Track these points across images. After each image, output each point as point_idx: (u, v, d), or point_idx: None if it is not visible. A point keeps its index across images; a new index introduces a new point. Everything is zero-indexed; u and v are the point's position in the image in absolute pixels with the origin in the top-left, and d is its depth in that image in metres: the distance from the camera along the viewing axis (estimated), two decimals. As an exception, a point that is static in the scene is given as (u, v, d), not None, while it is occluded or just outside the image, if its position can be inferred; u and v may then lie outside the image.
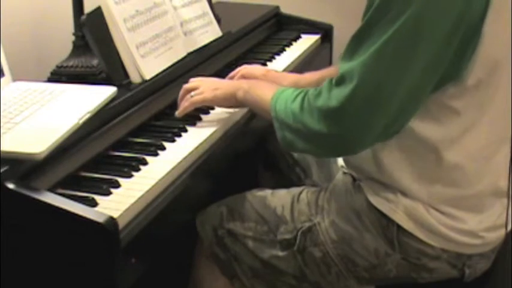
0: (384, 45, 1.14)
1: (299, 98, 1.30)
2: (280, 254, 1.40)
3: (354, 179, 1.39)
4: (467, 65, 1.18)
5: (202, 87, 1.53)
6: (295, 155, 1.72)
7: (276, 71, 1.76)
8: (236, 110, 1.57)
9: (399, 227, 1.30)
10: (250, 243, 1.43)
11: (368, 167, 1.33)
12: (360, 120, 1.19)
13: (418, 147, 1.26)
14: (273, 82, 1.59)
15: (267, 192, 1.49)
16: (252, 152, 1.78)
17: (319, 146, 1.27)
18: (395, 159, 1.28)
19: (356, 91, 1.18)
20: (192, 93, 1.53)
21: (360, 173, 1.37)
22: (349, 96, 1.18)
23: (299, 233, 1.39)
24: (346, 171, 1.41)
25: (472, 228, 1.30)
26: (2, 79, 1.41)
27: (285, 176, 1.74)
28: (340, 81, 1.21)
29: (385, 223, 1.31)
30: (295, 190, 1.47)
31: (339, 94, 1.20)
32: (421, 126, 1.24)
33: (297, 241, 1.39)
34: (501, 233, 1.35)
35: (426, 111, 1.23)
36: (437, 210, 1.29)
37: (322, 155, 1.35)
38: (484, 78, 1.21)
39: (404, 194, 1.29)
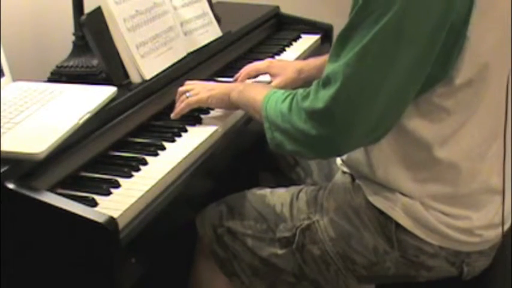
0: (367, 46, 1.15)
1: (288, 99, 1.30)
2: (279, 252, 1.41)
3: (353, 179, 1.39)
4: (455, 65, 1.18)
5: (198, 88, 1.54)
6: (295, 154, 1.72)
7: (279, 60, 1.76)
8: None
9: (398, 224, 1.31)
10: (249, 242, 1.43)
11: (362, 168, 1.33)
12: (345, 121, 1.20)
13: (410, 146, 1.26)
14: (278, 73, 1.61)
15: (267, 191, 1.49)
16: (252, 152, 1.78)
17: (306, 147, 1.27)
18: (388, 159, 1.29)
19: (340, 92, 1.18)
20: (188, 94, 1.53)
21: (356, 173, 1.37)
22: (334, 97, 1.19)
23: (298, 230, 1.39)
24: (345, 170, 1.42)
25: (469, 226, 1.30)
26: (2, 79, 1.41)
27: (286, 175, 1.74)
28: (325, 82, 1.21)
29: (384, 221, 1.32)
30: (294, 189, 1.48)
31: (324, 95, 1.20)
32: (412, 125, 1.25)
33: (296, 239, 1.39)
34: (500, 231, 1.35)
35: (417, 110, 1.23)
36: (434, 208, 1.29)
37: (309, 156, 1.36)
38: (473, 79, 1.21)
39: (402, 192, 1.30)
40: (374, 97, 1.17)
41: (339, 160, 1.45)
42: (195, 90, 1.53)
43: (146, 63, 1.55)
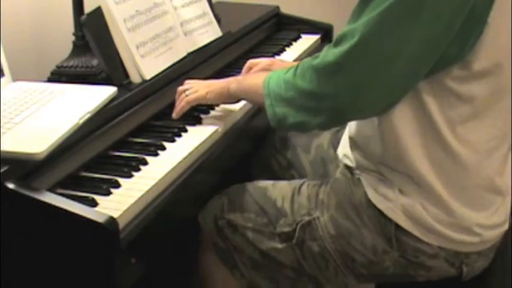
0: (389, 9, 1.14)
1: (293, 68, 1.30)
2: (279, 246, 1.41)
3: (354, 173, 1.38)
4: (472, 49, 1.18)
5: (196, 86, 1.54)
6: (288, 156, 1.71)
7: (282, 60, 1.76)
8: (236, 109, 1.58)
9: (397, 225, 1.31)
10: (249, 234, 1.43)
11: (373, 145, 1.31)
12: (354, 81, 1.18)
13: (423, 123, 1.25)
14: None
15: (268, 183, 1.49)
16: (252, 152, 1.78)
17: (310, 113, 1.25)
18: (401, 133, 1.26)
19: (355, 48, 1.16)
20: (187, 92, 1.53)
21: (364, 156, 1.35)
22: (347, 53, 1.17)
23: (298, 226, 1.39)
24: (348, 163, 1.40)
25: (468, 225, 1.30)
26: (2, 79, 1.41)
27: (280, 178, 1.73)
28: (339, 40, 1.20)
29: (383, 221, 1.32)
30: (296, 182, 1.47)
31: (336, 51, 1.19)
32: (429, 104, 1.23)
33: (296, 234, 1.39)
34: (499, 231, 1.35)
35: (431, 89, 1.22)
36: (434, 203, 1.28)
37: (313, 125, 1.28)
38: (489, 70, 1.20)
39: (402, 191, 1.30)
40: (388, 61, 1.16)
41: (340, 153, 1.44)
42: (194, 88, 1.53)
43: (146, 63, 1.55)
